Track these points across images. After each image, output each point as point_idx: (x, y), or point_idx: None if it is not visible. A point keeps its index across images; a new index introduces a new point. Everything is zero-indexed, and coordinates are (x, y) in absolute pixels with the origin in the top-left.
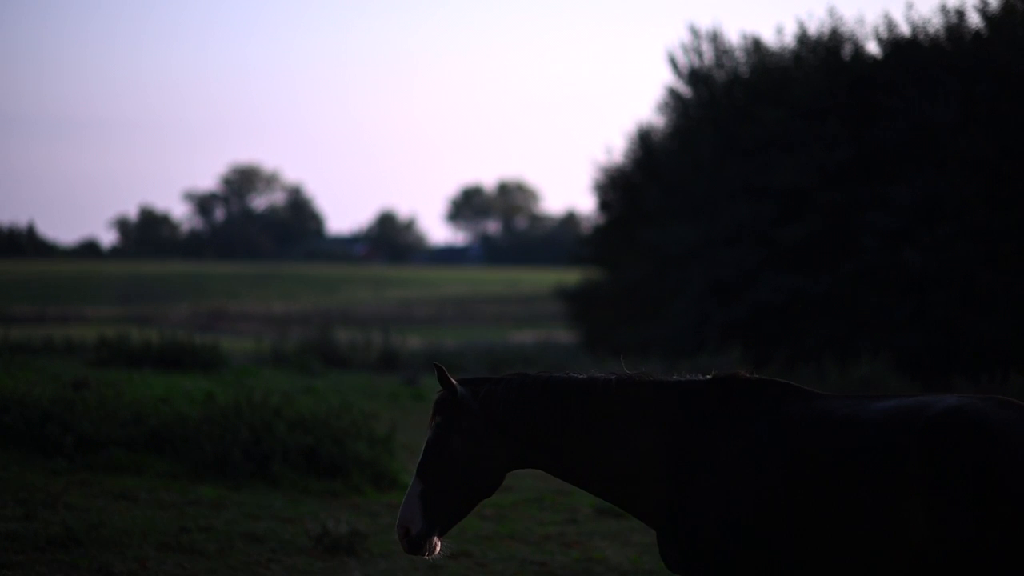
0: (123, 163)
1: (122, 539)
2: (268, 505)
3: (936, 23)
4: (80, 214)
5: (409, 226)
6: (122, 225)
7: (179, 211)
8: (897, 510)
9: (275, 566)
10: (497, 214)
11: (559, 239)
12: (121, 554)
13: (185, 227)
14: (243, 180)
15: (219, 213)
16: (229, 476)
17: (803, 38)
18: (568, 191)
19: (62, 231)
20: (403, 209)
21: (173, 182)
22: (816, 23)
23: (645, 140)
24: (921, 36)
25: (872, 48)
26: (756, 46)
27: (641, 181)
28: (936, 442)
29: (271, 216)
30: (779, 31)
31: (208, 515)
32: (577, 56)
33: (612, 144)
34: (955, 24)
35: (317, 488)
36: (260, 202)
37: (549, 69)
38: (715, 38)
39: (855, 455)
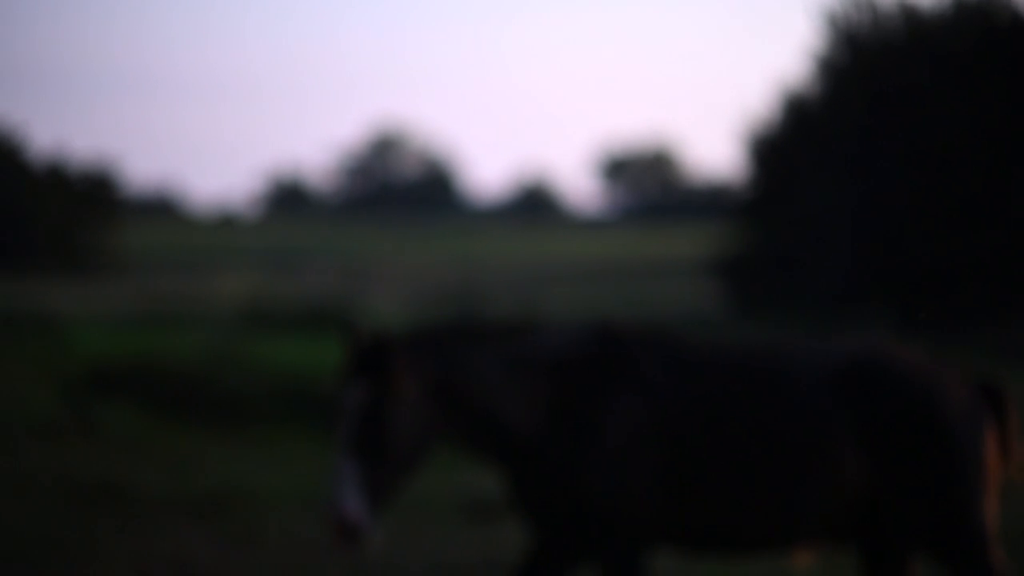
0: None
1: (268, 501)
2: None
3: None
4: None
5: (554, 186)
6: (263, 188)
7: (322, 173)
8: (826, 457)
9: (425, 529)
10: (643, 173)
11: (706, 199)
12: (268, 516)
13: (328, 189)
14: (387, 140)
15: (362, 174)
16: None
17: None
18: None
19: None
20: (549, 169)
21: (315, 143)
22: None
23: (793, 100)
24: None
25: None
26: (909, 7)
27: (790, 141)
28: (859, 390)
29: (416, 177)
30: None
31: None
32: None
33: (760, 103)
34: None
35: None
36: (405, 162)
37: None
38: None
39: (774, 406)
